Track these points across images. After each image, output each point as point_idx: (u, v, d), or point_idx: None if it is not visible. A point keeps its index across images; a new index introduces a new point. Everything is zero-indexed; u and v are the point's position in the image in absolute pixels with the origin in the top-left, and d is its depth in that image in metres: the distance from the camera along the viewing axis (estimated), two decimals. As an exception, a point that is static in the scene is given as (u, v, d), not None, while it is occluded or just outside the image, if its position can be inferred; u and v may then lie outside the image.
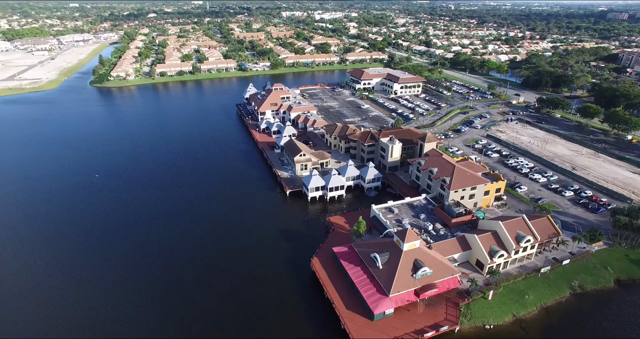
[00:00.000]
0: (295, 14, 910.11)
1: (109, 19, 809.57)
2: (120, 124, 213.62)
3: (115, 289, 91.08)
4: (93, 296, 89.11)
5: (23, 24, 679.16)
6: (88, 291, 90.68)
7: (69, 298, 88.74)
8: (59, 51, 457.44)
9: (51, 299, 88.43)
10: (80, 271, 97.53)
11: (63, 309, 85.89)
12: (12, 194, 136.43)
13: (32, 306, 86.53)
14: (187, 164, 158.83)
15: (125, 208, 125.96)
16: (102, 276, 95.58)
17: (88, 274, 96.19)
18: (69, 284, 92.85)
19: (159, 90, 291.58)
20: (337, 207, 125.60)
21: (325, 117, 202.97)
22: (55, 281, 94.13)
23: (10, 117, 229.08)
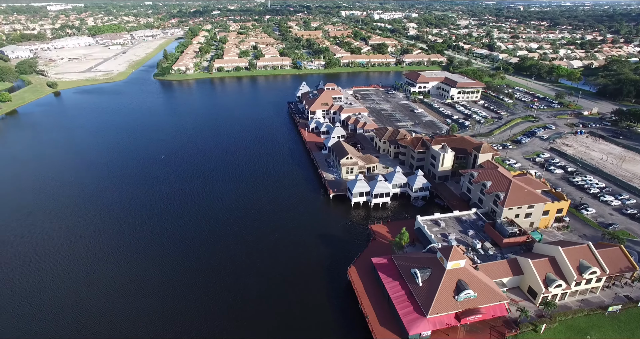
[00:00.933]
0: (354, 13, 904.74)
1: (177, 16, 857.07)
2: (177, 115, 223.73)
3: (146, 280, 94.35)
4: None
5: (105, 21, 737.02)
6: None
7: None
8: (130, 45, 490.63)
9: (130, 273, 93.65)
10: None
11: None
12: (92, 171, 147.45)
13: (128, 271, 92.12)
14: (235, 158, 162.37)
15: (170, 198, 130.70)
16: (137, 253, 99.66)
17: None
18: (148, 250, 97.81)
19: (216, 84, 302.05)
20: (380, 215, 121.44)
21: (376, 120, 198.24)
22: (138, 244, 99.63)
23: (84, 106, 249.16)
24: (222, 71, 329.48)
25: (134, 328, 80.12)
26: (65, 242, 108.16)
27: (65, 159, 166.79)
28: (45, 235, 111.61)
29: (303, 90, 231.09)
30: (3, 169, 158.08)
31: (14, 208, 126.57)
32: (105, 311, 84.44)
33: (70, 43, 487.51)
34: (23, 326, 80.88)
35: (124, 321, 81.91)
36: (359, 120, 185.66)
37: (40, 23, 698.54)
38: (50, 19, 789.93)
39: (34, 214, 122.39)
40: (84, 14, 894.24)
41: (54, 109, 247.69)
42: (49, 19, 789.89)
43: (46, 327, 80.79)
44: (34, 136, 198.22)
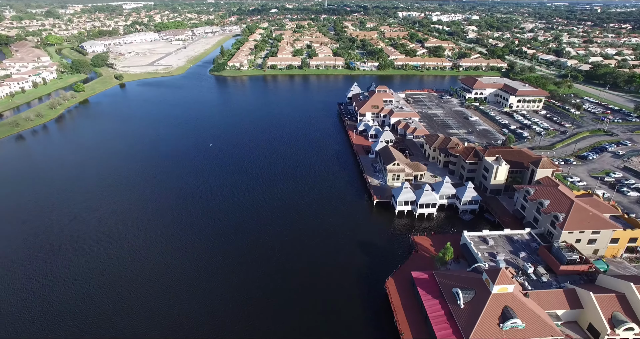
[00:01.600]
0: (411, 15, 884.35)
1: (236, 14, 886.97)
2: (229, 110, 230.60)
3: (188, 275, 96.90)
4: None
5: (170, 18, 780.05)
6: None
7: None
8: (191, 41, 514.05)
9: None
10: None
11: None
12: (151, 158, 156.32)
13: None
14: (281, 156, 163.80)
15: (214, 191, 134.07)
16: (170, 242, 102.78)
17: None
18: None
19: (268, 82, 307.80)
20: (424, 226, 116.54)
21: (427, 126, 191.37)
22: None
23: (145, 97, 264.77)
24: (275, 69, 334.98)
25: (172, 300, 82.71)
26: (114, 226, 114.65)
27: (124, 146, 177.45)
28: (96, 216, 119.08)
29: (354, 91, 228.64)
30: (71, 155, 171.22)
31: (76, 191, 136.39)
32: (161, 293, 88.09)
33: (138, 38, 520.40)
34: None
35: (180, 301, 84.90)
36: (409, 125, 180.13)
37: (115, 20, 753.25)
38: (124, 16, 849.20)
39: (93, 196, 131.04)
40: (153, 12, 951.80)
41: (118, 100, 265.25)
42: (123, 16, 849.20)
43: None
44: (99, 124, 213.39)
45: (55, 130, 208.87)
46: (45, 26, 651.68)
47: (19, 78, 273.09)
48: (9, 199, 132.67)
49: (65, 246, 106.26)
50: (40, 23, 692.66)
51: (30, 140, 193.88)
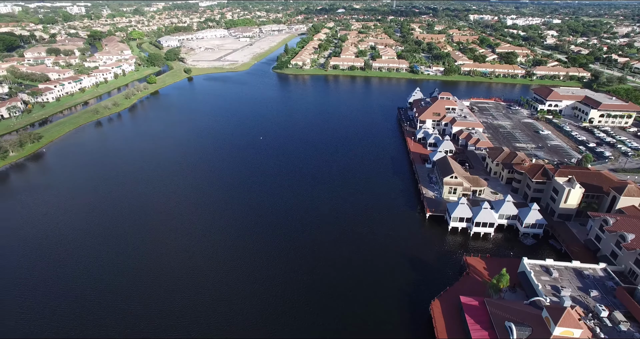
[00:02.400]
0: (484, 18, 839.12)
1: (303, 13, 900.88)
2: (288, 108, 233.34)
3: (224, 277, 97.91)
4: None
5: (240, 16, 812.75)
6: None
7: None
8: (257, 39, 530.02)
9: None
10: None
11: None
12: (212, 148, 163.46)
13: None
14: (334, 158, 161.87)
15: (261, 189, 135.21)
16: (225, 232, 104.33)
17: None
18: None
19: (329, 82, 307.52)
20: (479, 246, 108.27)
21: (491, 138, 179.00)
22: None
23: (209, 91, 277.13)
24: (337, 69, 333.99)
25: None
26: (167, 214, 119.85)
27: (185, 135, 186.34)
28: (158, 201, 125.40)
29: (416, 96, 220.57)
30: (138, 141, 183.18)
31: (140, 173, 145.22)
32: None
33: (208, 34, 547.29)
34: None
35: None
36: (471, 135, 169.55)
37: (190, 17, 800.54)
38: (199, 13, 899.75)
39: (156, 178, 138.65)
40: (225, 9, 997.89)
41: (185, 92, 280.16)
42: (198, 13, 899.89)
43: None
44: (166, 114, 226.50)
45: (127, 118, 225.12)
46: (132, 22, 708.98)
47: (103, 70, 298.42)
48: (82, 175, 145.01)
49: (125, 224, 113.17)
50: (128, 20, 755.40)
51: (106, 126, 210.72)
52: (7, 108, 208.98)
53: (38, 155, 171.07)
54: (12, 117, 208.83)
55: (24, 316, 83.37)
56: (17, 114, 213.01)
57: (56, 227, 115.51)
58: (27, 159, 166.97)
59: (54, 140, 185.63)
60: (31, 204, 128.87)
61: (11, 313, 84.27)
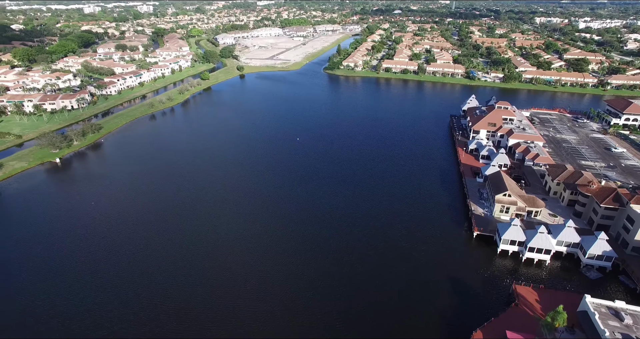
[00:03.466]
0: (552, 21, 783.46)
1: (359, 13, 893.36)
2: (336, 109, 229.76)
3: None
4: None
5: (296, 15, 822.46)
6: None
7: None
8: (311, 38, 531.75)
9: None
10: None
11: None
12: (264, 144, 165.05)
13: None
14: (375, 163, 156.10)
15: (292, 191, 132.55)
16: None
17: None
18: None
19: (380, 84, 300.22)
20: (532, 275, 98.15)
21: (553, 153, 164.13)
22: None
23: (260, 89, 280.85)
24: (389, 72, 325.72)
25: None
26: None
27: (232, 131, 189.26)
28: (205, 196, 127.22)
29: (470, 104, 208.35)
30: (187, 135, 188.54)
31: (187, 166, 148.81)
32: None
33: (263, 33, 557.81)
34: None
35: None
36: (530, 149, 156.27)
37: (247, 16, 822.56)
38: (256, 12, 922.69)
39: (201, 171, 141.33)
40: (282, 8, 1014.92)
41: (236, 90, 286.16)
42: (255, 12, 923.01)
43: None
44: (216, 110, 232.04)
45: (180, 113, 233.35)
46: (193, 20, 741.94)
47: (162, 65, 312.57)
48: (133, 165, 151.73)
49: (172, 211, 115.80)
50: (189, 18, 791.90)
51: (159, 120, 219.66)
52: (77, 100, 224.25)
53: (97, 145, 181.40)
54: (80, 108, 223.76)
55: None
56: (85, 105, 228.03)
57: (103, 213, 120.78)
58: (87, 148, 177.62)
59: (111, 131, 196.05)
60: (88, 191, 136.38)
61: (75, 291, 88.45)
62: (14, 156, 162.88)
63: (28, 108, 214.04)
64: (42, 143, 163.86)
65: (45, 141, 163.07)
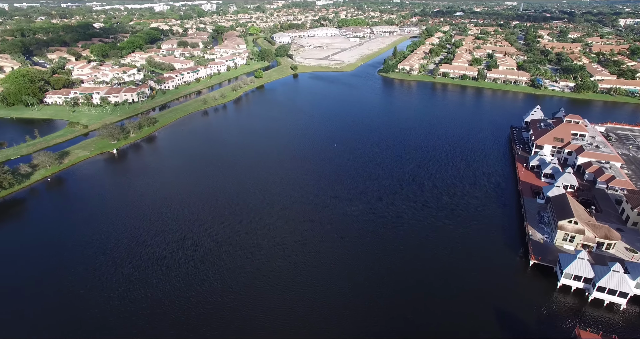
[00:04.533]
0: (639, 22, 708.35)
1: (418, 14, 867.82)
2: (387, 114, 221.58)
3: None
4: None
5: (353, 15, 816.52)
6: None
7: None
8: (367, 39, 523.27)
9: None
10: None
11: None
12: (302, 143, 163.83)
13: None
14: (426, 173, 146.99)
15: (326, 200, 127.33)
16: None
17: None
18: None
19: (436, 90, 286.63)
20: (600, 319, 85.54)
21: (633, 176, 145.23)
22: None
23: (311, 89, 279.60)
24: (447, 77, 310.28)
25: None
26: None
27: (280, 130, 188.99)
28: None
29: (534, 115, 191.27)
30: (238, 132, 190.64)
31: (234, 162, 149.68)
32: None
33: (320, 33, 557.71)
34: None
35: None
36: (604, 170, 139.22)
37: (305, 15, 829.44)
38: (314, 11, 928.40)
39: (249, 168, 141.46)
40: (340, 8, 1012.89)
41: (288, 89, 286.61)
42: (313, 11, 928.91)
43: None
44: (267, 108, 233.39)
45: (231, 110, 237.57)
46: (252, 19, 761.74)
47: (218, 62, 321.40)
48: (182, 159, 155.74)
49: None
50: (249, 16, 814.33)
51: (211, 116, 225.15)
52: (138, 93, 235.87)
53: (151, 138, 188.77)
54: (139, 102, 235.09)
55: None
56: (144, 99, 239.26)
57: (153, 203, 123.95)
58: (142, 140, 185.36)
59: (165, 125, 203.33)
60: (138, 182, 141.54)
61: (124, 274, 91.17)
62: (79, 145, 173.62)
63: (96, 100, 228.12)
64: (103, 134, 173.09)
65: (106, 133, 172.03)
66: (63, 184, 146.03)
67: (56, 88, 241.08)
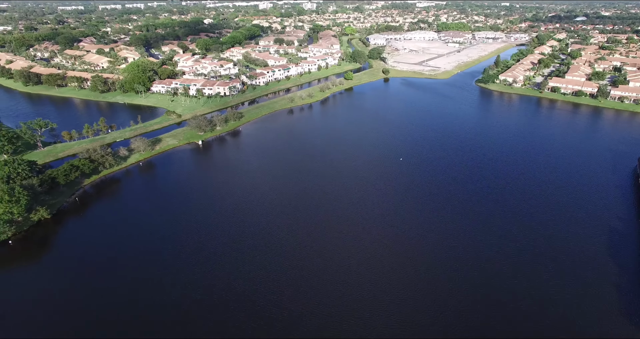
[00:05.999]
0: None
1: (529, 20, 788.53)
2: (481, 129, 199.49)
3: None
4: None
5: (455, 19, 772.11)
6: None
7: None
8: (468, 45, 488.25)
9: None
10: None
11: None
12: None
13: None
14: (523, 205, 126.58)
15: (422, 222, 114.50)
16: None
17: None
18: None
19: (542, 106, 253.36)
20: None
21: None
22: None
23: (400, 96, 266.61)
24: (557, 92, 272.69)
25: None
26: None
27: (366, 139, 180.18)
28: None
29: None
30: (319, 136, 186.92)
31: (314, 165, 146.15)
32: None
33: (417, 36, 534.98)
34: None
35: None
36: None
37: (404, 17, 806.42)
38: (413, 14, 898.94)
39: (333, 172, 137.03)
40: (441, 11, 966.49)
41: (377, 93, 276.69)
42: (413, 14, 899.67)
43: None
44: (352, 112, 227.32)
45: (317, 110, 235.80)
46: (350, 19, 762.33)
47: (310, 61, 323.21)
48: (266, 156, 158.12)
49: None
50: (347, 16, 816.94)
51: (296, 115, 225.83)
52: (229, 87, 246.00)
53: (236, 132, 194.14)
54: (230, 96, 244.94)
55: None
56: (235, 93, 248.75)
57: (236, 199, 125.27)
58: (227, 134, 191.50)
59: (250, 120, 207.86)
60: (220, 174, 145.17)
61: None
62: (171, 133, 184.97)
63: (192, 91, 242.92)
64: (192, 125, 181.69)
65: (194, 124, 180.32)
66: (152, 169, 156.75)
67: (162, 78, 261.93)
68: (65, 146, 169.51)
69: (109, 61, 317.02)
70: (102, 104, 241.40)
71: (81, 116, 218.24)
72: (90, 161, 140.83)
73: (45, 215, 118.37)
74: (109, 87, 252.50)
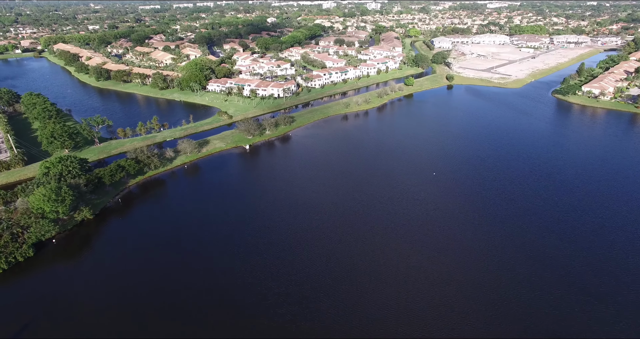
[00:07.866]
0: None
1: (623, 21, 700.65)
2: (559, 152, 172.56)
3: None
4: None
5: (530, 21, 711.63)
6: None
7: None
8: (544, 50, 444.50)
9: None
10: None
11: None
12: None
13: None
14: (578, 244, 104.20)
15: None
16: None
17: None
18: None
19: (636, 125, 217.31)
20: None
21: None
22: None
23: (464, 107, 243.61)
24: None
25: None
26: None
27: (425, 155, 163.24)
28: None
29: None
30: (372, 147, 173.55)
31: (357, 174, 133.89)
32: None
33: (486, 39, 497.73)
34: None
35: None
36: None
37: (473, 19, 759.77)
38: (483, 15, 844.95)
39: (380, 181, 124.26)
40: (515, 12, 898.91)
41: (439, 102, 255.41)
42: (483, 15, 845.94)
43: None
44: (412, 121, 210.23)
45: (373, 118, 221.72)
46: (414, 20, 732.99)
47: (369, 64, 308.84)
48: (313, 166, 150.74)
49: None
50: (412, 17, 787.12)
51: (350, 121, 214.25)
52: (284, 89, 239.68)
53: (285, 137, 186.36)
54: (284, 98, 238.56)
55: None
56: (289, 95, 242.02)
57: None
58: (276, 139, 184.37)
59: (301, 126, 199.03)
60: (264, 182, 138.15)
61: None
62: (220, 135, 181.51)
63: (246, 91, 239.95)
64: (241, 128, 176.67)
65: (243, 127, 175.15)
66: (197, 172, 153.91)
67: (218, 77, 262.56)
68: (119, 142, 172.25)
69: (172, 58, 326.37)
70: (160, 100, 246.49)
71: (141, 111, 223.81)
72: (136, 162, 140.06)
73: (88, 216, 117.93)
74: (167, 85, 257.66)
